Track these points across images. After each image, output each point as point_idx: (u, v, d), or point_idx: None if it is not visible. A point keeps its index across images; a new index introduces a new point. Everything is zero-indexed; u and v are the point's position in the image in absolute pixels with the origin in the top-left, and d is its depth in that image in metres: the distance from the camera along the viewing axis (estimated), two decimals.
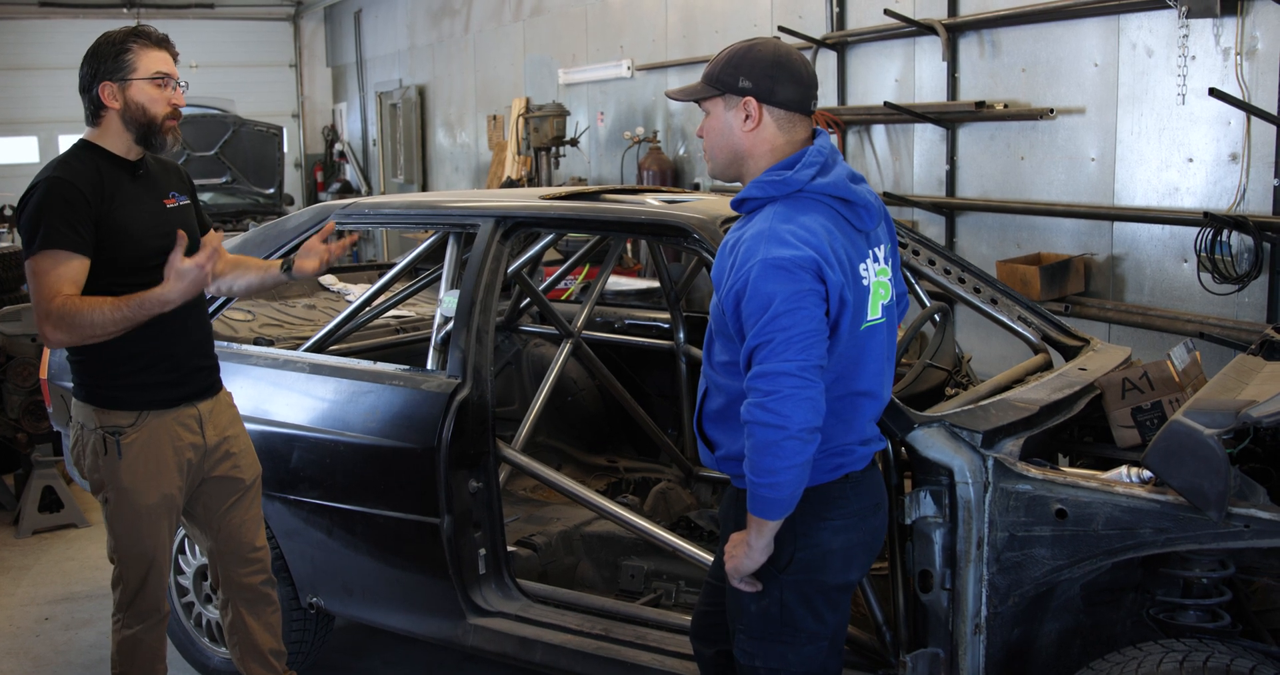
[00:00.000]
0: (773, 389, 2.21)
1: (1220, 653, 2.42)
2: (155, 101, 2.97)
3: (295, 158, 17.49)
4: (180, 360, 3.09)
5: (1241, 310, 5.01)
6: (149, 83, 2.96)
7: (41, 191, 2.88)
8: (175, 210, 3.12)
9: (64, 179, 2.89)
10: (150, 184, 3.08)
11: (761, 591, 2.42)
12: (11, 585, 4.98)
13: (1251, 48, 4.85)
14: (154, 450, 3.06)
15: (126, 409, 3.04)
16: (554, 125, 9.66)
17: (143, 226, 3.00)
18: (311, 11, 17.43)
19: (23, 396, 5.56)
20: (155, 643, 3.21)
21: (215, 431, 3.19)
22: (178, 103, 3.02)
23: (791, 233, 2.28)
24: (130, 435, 3.03)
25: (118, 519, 3.09)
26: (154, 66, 2.97)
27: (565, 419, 4.91)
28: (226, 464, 3.23)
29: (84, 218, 2.87)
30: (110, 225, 2.93)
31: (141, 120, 2.97)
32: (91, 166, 2.95)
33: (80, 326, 2.82)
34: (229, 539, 3.28)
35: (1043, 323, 3.76)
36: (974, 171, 6.34)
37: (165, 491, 3.08)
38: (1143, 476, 2.59)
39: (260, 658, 3.37)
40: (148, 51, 2.97)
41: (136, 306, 2.83)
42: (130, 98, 2.96)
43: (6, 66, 15.60)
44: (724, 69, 2.41)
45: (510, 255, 3.61)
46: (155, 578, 3.14)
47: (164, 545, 3.13)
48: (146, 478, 3.05)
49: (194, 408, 3.14)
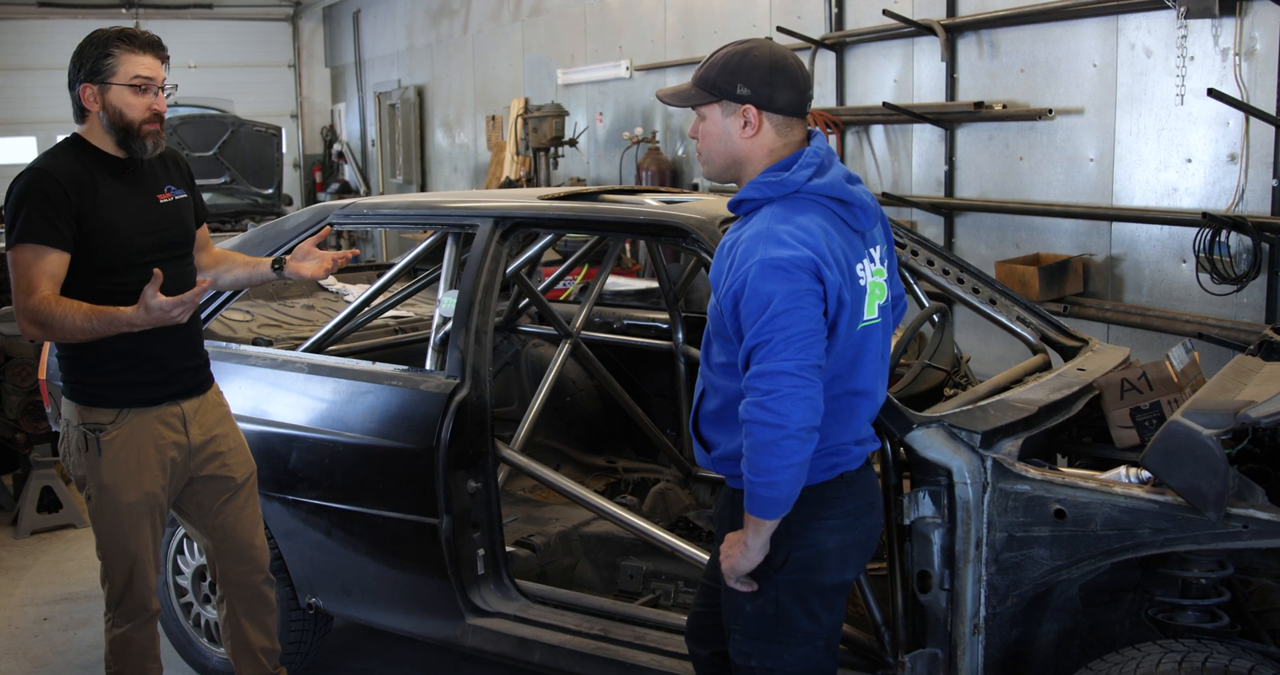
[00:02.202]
0: (771, 388, 2.21)
1: (1219, 653, 2.42)
2: (132, 107, 2.95)
3: (294, 158, 17.49)
4: (165, 360, 3.08)
5: (1240, 310, 5.01)
6: (127, 88, 2.94)
7: (23, 183, 2.90)
8: (169, 205, 3.11)
9: (45, 172, 2.90)
10: (141, 179, 3.07)
11: (757, 591, 2.42)
12: (10, 585, 4.97)
13: (1250, 48, 4.85)
14: (134, 448, 3.05)
15: (108, 406, 3.04)
16: (553, 126, 9.66)
17: (130, 223, 2.99)
18: (310, 12, 17.43)
19: (21, 397, 5.56)
20: (145, 641, 3.21)
21: (201, 430, 3.18)
22: (158, 108, 2.99)
23: (789, 233, 2.28)
24: (111, 432, 3.03)
25: (100, 516, 3.10)
26: (134, 71, 2.95)
27: (564, 419, 4.91)
28: (215, 463, 3.22)
29: (63, 212, 2.87)
30: (95, 221, 2.92)
31: (119, 124, 2.96)
32: (76, 161, 2.95)
33: (52, 328, 2.85)
34: (225, 537, 3.28)
35: (1041, 323, 3.76)
36: (973, 172, 6.34)
37: (147, 489, 3.08)
38: (1141, 477, 2.59)
39: (251, 655, 3.38)
40: (130, 55, 2.95)
41: (106, 322, 2.82)
42: (108, 101, 2.95)
43: (5, 66, 15.61)
44: (720, 74, 2.39)
45: (509, 255, 3.61)
46: (140, 575, 3.13)
47: (147, 543, 3.12)
48: (127, 475, 3.05)
49: (177, 406, 3.13)
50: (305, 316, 4.69)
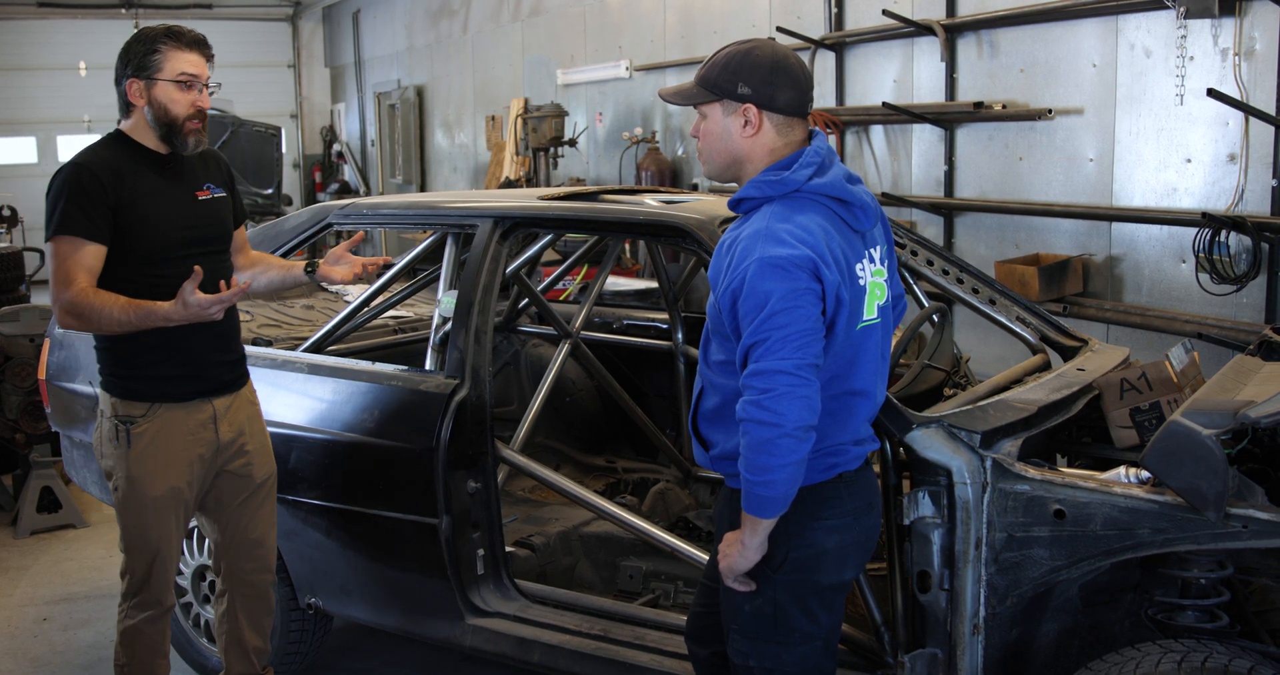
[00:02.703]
0: (768, 387, 2.21)
1: (1218, 653, 2.42)
2: (176, 102, 3.03)
3: (293, 158, 17.49)
4: (196, 355, 3.12)
5: (1240, 310, 5.01)
6: (173, 84, 3.03)
7: (62, 177, 2.98)
8: (207, 202, 3.18)
9: (84, 166, 2.98)
10: (180, 176, 3.14)
11: (755, 591, 2.42)
12: (10, 586, 4.97)
13: (1250, 48, 4.85)
14: (164, 442, 3.09)
15: (140, 400, 3.08)
16: (552, 126, 9.66)
17: (167, 217, 3.06)
18: (310, 12, 17.43)
19: (21, 397, 5.55)
20: (155, 636, 3.22)
21: (230, 428, 3.22)
22: (202, 105, 3.09)
23: (788, 232, 2.28)
24: (141, 425, 3.07)
25: (125, 508, 3.13)
26: (180, 68, 3.03)
27: (564, 419, 4.91)
28: (240, 461, 3.25)
29: (99, 205, 2.94)
30: (132, 214, 2.99)
31: (164, 119, 3.04)
32: (117, 156, 3.03)
33: (90, 320, 2.91)
34: (236, 533, 3.31)
35: (1041, 323, 3.76)
36: (972, 172, 6.34)
37: (173, 484, 3.11)
38: (1141, 477, 2.59)
39: (243, 653, 3.40)
40: (176, 52, 3.04)
41: (143, 315, 2.89)
42: (154, 96, 3.03)
43: (4, 67, 15.58)
44: (721, 74, 2.40)
45: (509, 256, 3.61)
46: (160, 569, 3.16)
47: (170, 538, 3.15)
48: (155, 469, 3.08)
49: (209, 403, 3.17)
50: (305, 316, 4.69)
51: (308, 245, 4.09)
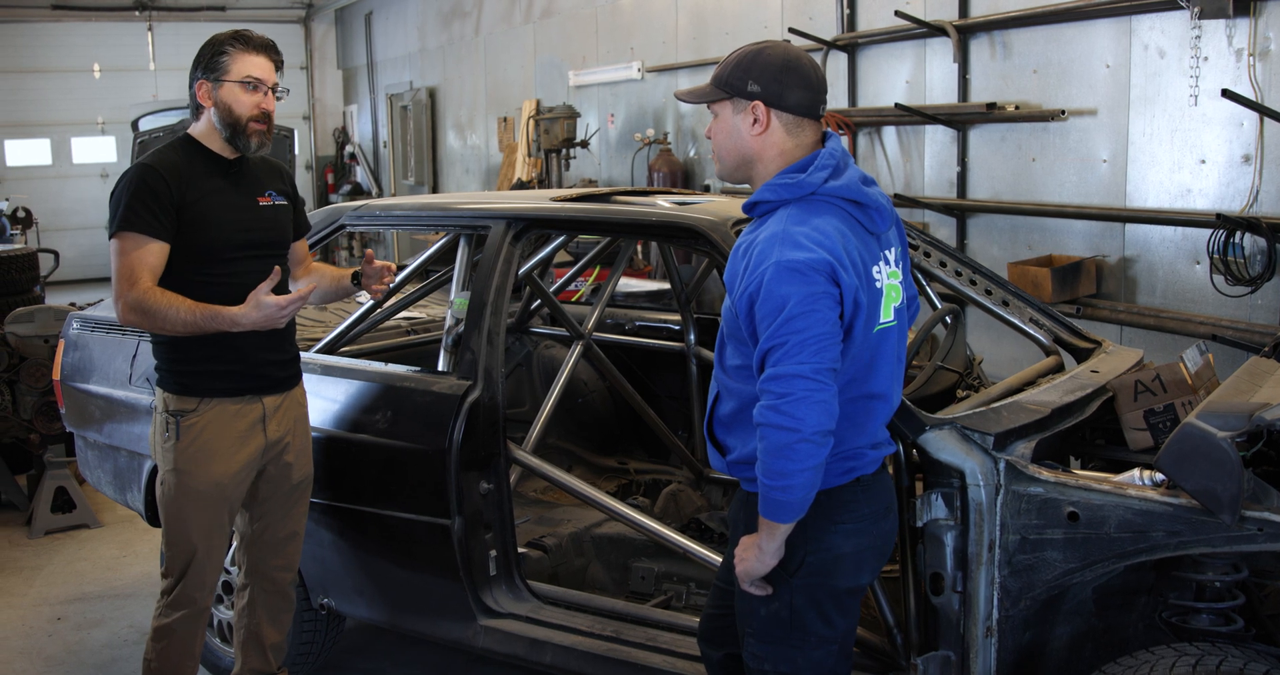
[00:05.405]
0: (786, 391, 2.20)
1: (1233, 656, 2.41)
2: (241, 103, 3.11)
3: (306, 159, 17.53)
4: (245, 352, 3.14)
5: (1254, 312, 4.99)
6: (239, 85, 3.10)
7: (129, 176, 3.04)
8: (268, 208, 3.23)
9: (151, 166, 3.04)
10: (244, 181, 3.20)
11: (771, 595, 2.41)
12: (24, 586, 4.99)
13: (1264, 49, 4.83)
14: (212, 437, 3.12)
15: (192, 394, 3.13)
16: (564, 127, 9.67)
17: (228, 220, 3.11)
18: (322, 14, 17.47)
19: (36, 398, 5.58)
20: (187, 636, 3.23)
21: (279, 427, 3.25)
22: (267, 108, 3.16)
23: (806, 235, 2.28)
24: (190, 419, 3.11)
25: (169, 502, 3.16)
26: (246, 70, 3.12)
27: (576, 421, 4.91)
28: (281, 460, 3.28)
29: (164, 204, 3.00)
30: (193, 213, 3.05)
31: (228, 120, 3.11)
32: (183, 158, 3.10)
33: (153, 318, 2.96)
34: (266, 528, 3.33)
35: (1054, 325, 3.75)
36: (985, 173, 6.33)
37: (217, 479, 3.13)
38: (1155, 479, 2.58)
39: (260, 649, 3.42)
40: (244, 55, 3.13)
41: (209, 318, 2.95)
42: (220, 98, 3.11)
43: (19, 69, 15.64)
44: (733, 72, 2.41)
45: (521, 257, 3.61)
46: (197, 568, 3.17)
47: (210, 536, 3.17)
48: (200, 463, 3.11)
49: (259, 401, 3.19)
50: (318, 318, 4.70)
51: (320, 247, 4.10)
